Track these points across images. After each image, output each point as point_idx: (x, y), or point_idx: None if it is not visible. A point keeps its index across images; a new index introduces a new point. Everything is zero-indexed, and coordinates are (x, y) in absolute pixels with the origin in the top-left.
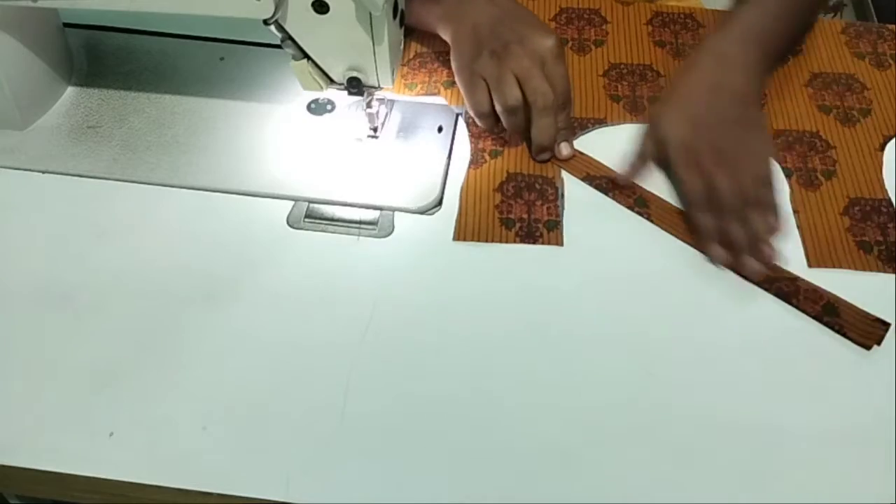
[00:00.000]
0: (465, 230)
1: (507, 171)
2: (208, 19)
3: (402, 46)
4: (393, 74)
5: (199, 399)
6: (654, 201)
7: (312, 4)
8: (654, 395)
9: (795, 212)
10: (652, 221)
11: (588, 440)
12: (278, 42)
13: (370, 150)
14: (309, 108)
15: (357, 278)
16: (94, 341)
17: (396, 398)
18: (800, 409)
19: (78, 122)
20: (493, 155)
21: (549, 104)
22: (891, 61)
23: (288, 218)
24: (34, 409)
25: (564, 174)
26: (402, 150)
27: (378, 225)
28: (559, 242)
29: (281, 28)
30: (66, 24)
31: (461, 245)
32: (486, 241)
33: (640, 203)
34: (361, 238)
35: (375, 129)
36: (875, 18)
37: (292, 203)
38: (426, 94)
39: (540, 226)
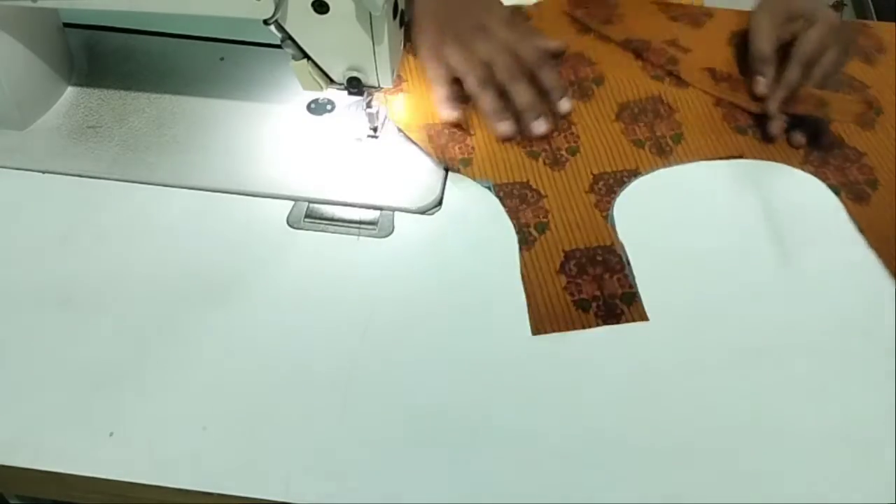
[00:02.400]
0: (542, 321)
1: (563, 250)
2: (208, 19)
3: (402, 46)
4: (393, 74)
5: (199, 399)
6: (685, 63)
7: (312, 4)
8: (653, 394)
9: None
10: (682, 78)
11: (588, 440)
12: (278, 42)
13: (370, 150)
14: (309, 108)
15: (357, 278)
16: (94, 341)
17: (396, 398)
18: (800, 408)
19: (78, 122)
20: (540, 229)
21: (515, 74)
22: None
23: (288, 218)
24: (34, 409)
25: (622, 238)
26: (402, 150)
27: (378, 225)
28: (644, 317)
29: (281, 28)
30: (66, 24)
31: (461, 245)
32: (567, 329)
33: (672, 61)
34: (361, 238)
35: (375, 129)
36: (875, 18)
37: (292, 203)
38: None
39: (617, 301)
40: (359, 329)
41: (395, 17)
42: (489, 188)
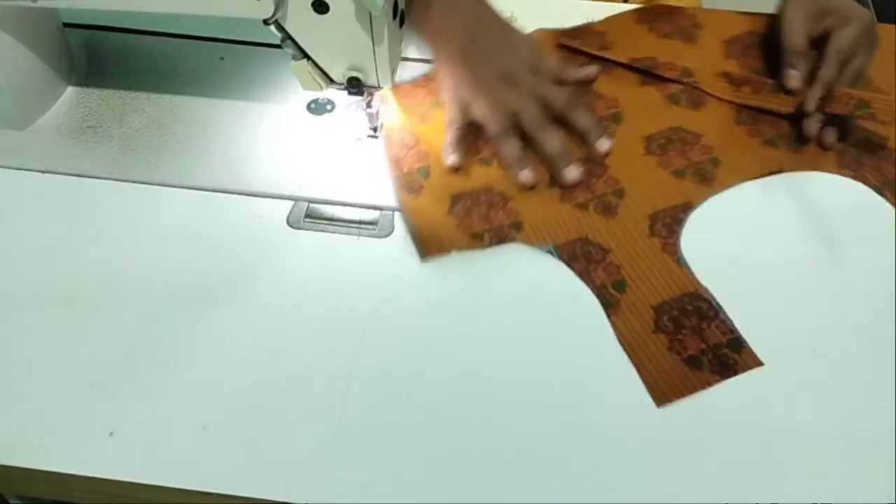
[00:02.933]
0: (662, 391)
1: (651, 305)
2: (208, 19)
3: (401, 46)
4: (393, 74)
5: (199, 399)
6: (700, 72)
7: (312, 4)
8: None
9: None
10: (702, 89)
11: (588, 440)
12: (278, 42)
13: (370, 150)
14: (309, 108)
15: (357, 278)
16: (93, 341)
17: (396, 398)
18: (800, 408)
19: (78, 122)
20: (619, 288)
21: (542, 122)
22: None
23: (288, 218)
24: (34, 409)
25: (700, 278)
26: None
27: (378, 225)
28: (758, 362)
29: (281, 28)
30: (66, 24)
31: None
32: (692, 391)
33: (686, 73)
34: (361, 238)
35: (375, 129)
36: (875, 18)
37: (292, 203)
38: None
39: (726, 351)
40: (359, 329)
41: (395, 17)
42: (551, 252)
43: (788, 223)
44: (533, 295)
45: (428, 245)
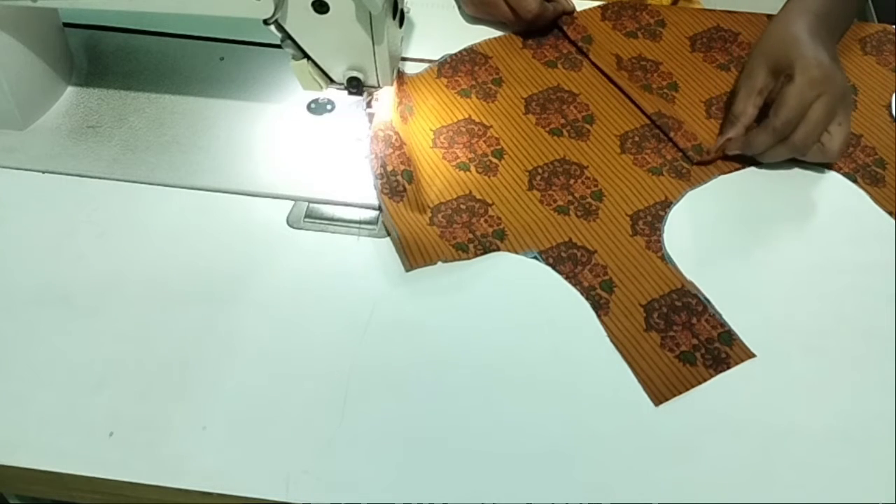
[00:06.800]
0: (660, 387)
1: (641, 304)
2: (208, 19)
3: (401, 46)
4: (393, 74)
5: (199, 399)
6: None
7: (312, 4)
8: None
9: None
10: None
11: (589, 440)
12: (278, 42)
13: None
14: (309, 107)
15: (357, 278)
16: (93, 341)
17: (396, 398)
18: (800, 408)
19: (78, 122)
20: (607, 289)
21: None
22: None
23: (288, 218)
24: (34, 409)
25: (691, 277)
26: None
27: (378, 225)
28: (750, 354)
29: (281, 28)
30: (66, 24)
31: None
32: (687, 388)
33: (697, 150)
34: (361, 238)
35: None
36: (875, 18)
37: (292, 203)
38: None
39: (717, 345)
40: (359, 329)
41: (394, 16)
42: (536, 258)
43: (766, 214)
44: (527, 295)
45: (413, 255)
